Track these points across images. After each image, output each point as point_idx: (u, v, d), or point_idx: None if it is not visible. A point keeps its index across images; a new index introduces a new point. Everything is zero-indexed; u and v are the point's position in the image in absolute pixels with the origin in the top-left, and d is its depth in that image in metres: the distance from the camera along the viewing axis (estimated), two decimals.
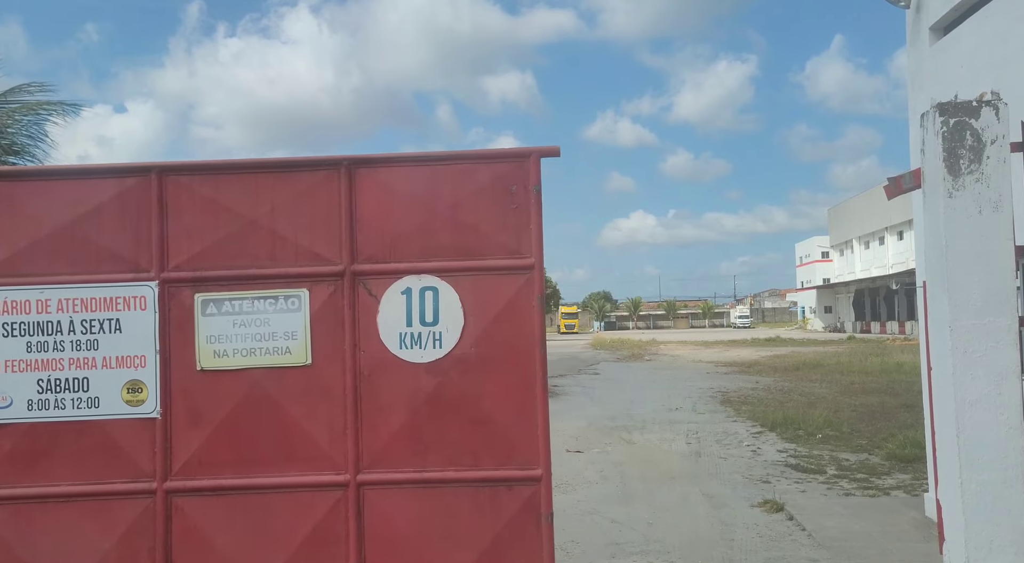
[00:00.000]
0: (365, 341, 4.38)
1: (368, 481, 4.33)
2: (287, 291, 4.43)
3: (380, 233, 4.43)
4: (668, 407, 18.60)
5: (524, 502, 4.29)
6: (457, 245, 4.40)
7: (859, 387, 21.81)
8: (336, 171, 4.44)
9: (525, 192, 4.39)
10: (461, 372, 4.36)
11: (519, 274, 4.37)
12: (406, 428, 4.35)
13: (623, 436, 14.25)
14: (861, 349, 39.05)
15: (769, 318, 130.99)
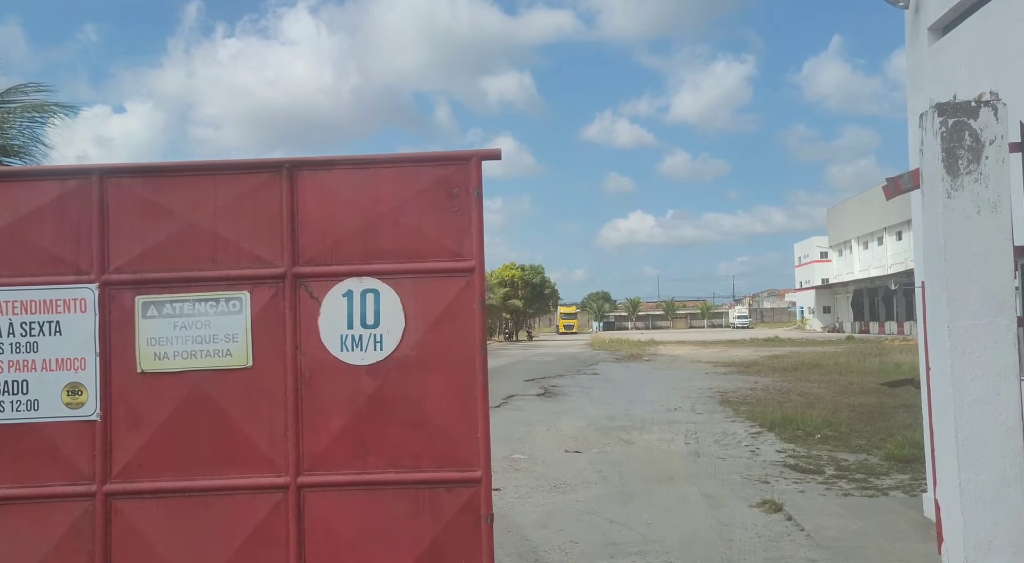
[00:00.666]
0: (306, 343, 4.38)
1: (308, 483, 4.34)
2: (228, 293, 4.43)
3: (322, 236, 4.43)
4: (667, 407, 18.60)
5: (464, 504, 4.30)
6: (399, 248, 4.41)
7: (858, 387, 21.82)
8: (278, 174, 4.45)
9: (467, 195, 4.40)
10: (402, 374, 4.37)
11: (460, 277, 4.38)
12: (347, 430, 4.36)
13: (622, 436, 14.25)
14: (860, 349, 39.03)
15: (768, 318, 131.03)
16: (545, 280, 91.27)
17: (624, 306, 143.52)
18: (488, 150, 4.48)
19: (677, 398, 20.53)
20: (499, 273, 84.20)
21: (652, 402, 19.74)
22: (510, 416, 17.65)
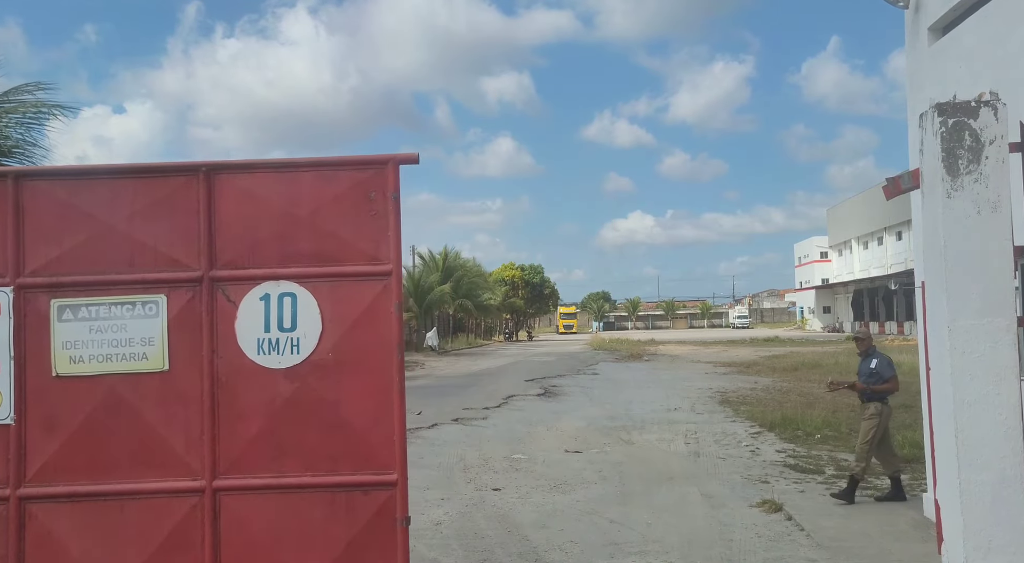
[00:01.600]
0: (223, 347, 4.38)
1: (224, 487, 4.33)
2: (145, 297, 4.42)
3: (239, 239, 4.43)
4: (667, 407, 18.59)
5: (380, 507, 4.30)
6: (316, 251, 4.41)
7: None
8: (195, 177, 4.44)
9: (384, 199, 4.40)
10: (319, 378, 4.37)
11: (377, 280, 4.38)
12: (263, 433, 4.35)
13: (622, 436, 14.24)
14: None
15: (768, 318, 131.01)
16: (545, 280, 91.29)
17: (624, 306, 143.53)
18: (405, 154, 4.50)
19: (677, 398, 20.52)
20: (499, 273, 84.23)
21: (652, 402, 19.73)
22: (511, 416, 17.65)
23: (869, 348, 9.20)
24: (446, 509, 8.89)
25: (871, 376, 8.90)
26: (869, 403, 8.95)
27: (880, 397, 8.92)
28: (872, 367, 8.96)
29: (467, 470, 11.24)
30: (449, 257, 62.19)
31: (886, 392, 8.94)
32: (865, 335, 9.46)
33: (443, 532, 8.00)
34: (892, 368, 9.00)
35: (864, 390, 8.94)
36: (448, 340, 61.47)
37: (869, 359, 9.08)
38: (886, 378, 8.89)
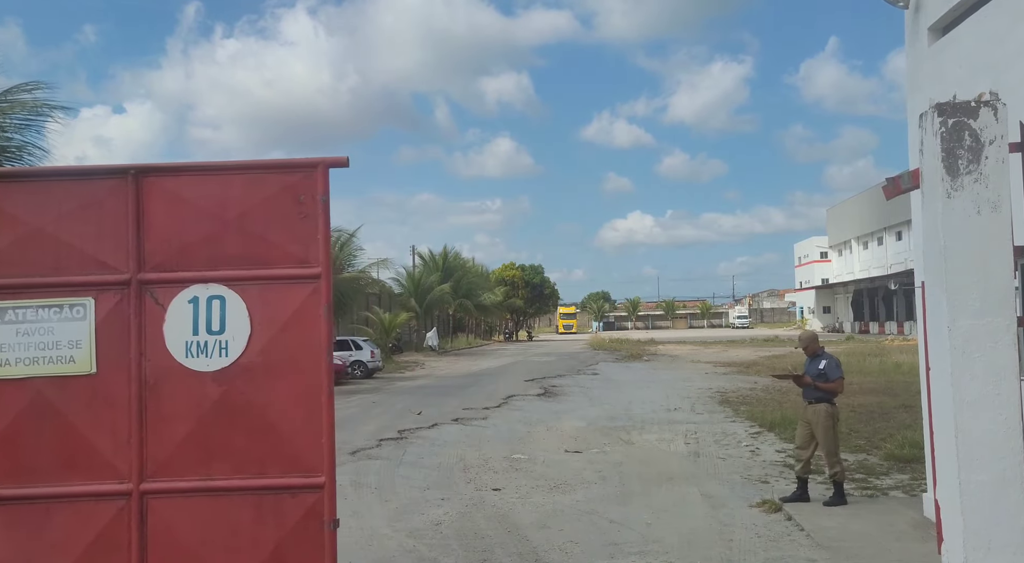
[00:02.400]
0: (151, 350, 4.37)
1: (152, 490, 4.32)
2: (72, 300, 4.40)
3: (168, 242, 4.43)
4: (667, 407, 18.59)
5: (308, 509, 4.30)
6: (245, 254, 4.41)
7: (857, 387, 21.78)
8: (124, 179, 4.43)
9: (313, 202, 4.40)
10: (247, 380, 4.37)
11: (306, 283, 4.38)
12: (191, 436, 4.35)
13: (622, 436, 14.24)
14: (859, 349, 39.00)
15: (768, 318, 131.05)
16: (545, 280, 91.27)
17: (624, 306, 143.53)
18: (335, 158, 4.49)
19: (677, 398, 20.53)
20: (499, 273, 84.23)
21: (652, 402, 19.73)
22: (510, 416, 17.65)
23: (817, 350, 9.21)
24: (446, 509, 8.89)
25: (818, 377, 8.94)
26: (818, 405, 8.93)
27: (827, 398, 8.92)
28: (820, 368, 8.97)
29: (467, 470, 11.24)
30: (449, 257, 62.21)
31: (831, 392, 8.93)
32: (808, 339, 9.41)
33: (443, 532, 8.00)
34: (839, 370, 9.03)
35: (810, 384, 8.92)
36: (448, 340, 61.47)
37: (817, 360, 9.09)
38: (832, 379, 8.91)
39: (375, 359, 31.70)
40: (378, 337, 40.00)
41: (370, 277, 33.10)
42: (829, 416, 8.84)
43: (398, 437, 14.46)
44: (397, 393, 24.10)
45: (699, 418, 16.62)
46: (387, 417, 17.75)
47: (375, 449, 13.13)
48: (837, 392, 9.01)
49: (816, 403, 8.94)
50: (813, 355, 9.18)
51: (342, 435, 14.79)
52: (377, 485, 10.30)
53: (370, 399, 22.16)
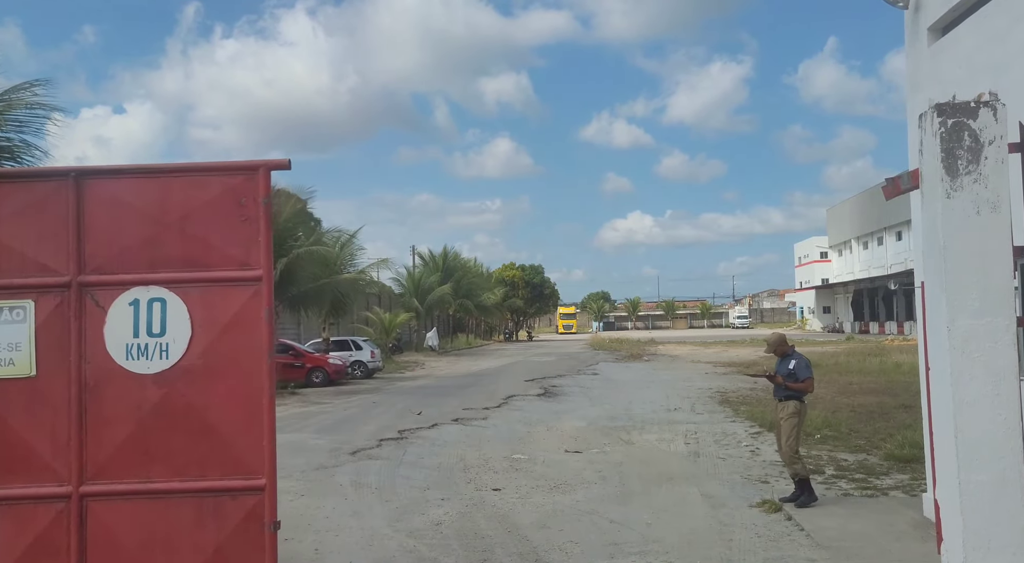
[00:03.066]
0: (91, 352, 4.36)
1: (91, 492, 4.31)
2: (12, 302, 4.40)
3: (109, 244, 4.42)
4: (667, 407, 18.60)
5: (248, 512, 4.30)
6: (186, 257, 4.41)
7: (857, 387, 21.82)
8: (64, 182, 4.42)
9: (255, 205, 4.40)
10: (188, 383, 4.36)
11: (248, 286, 4.38)
12: (131, 439, 4.34)
13: (622, 436, 14.25)
14: (859, 349, 39.04)
15: (768, 318, 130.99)
16: (545, 280, 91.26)
17: (624, 306, 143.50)
18: (275, 160, 4.50)
19: (677, 398, 20.53)
20: (499, 273, 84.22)
21: (652, 402, 19.74)
22: (510, 416, 17.65)
23: (787, 351, 9.29)
24: (446, 509, 8.89)
25: (788, 376, 8.99)
26: (787, 402, 8.98)
27: (797, 396, 8.96)
28: (790, 368, 9.04)
29: (467, 470, 11.25)
30: (449, 257, 62.18)
31: (801, 391, 8.96)
32: (776, 342, 9.49)
33: (443, 532, 8.00)
34: (809, 370, 9.09)
35: (782, 383, 8.97)
36: (448, 340, 61.47)
37: (788, 360, 9.17)
38: (801, 379, 8.95)
39: (375, 359, 31.73)
40: (378, 337, 40.05)
41: (370, 277, 33.15)
42: (795, 413, 8.89)
43: (398, 437, 14.47)
44: (397, 393, 24.11)
45: (699, 418, 16.63)
46: (387, 417, 17.77)
47: (375, 449, 13.14)
48: (807, 391, 9.04)
49: (785, 401, 9.01)
50: (783, 356, 9.26)
51: (343, 435, 14.82)
52: (377, 485, 10.30)
53: (370, 399, 22.18)
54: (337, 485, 10.33)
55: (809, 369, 9.07)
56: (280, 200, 24.39)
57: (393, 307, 49.54)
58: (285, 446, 14.11)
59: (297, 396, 23.17)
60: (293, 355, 26.80)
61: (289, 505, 9.20)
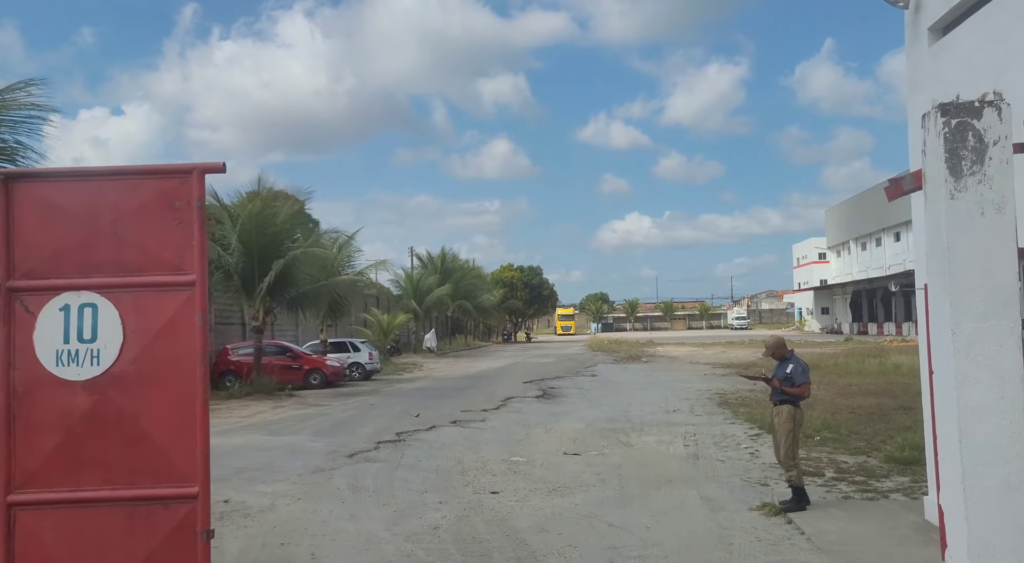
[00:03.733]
0: (20, 359, 4.29)
1: (19, 501, 4.24)
2: None
3: (39, 249, 4.35)
4: (666, 409, 18.55)
5: (180, 520, 4.23)
6: (119, 261, 4.34)
7: (856, 389, 21.79)
8: None
9: (189, 208, 4.32)
10: (120, 390, 4.29)
11: (181, 291, 4.32)
12: (61, 447, 4.27)
13: (621, 438, 14.19)
14: (858, 350, 39.02)
15: (766, 319, 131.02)
16: (544, 281, 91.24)
17: (623, 307, 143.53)
18: (210, 163, 4.43)
19: (676, 400, 20.48)
20: (497, 274, 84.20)
21: (651, 404, 19.69)
22: (509, 418, 17.59)
23: (785, 354, 9.12)
24: (443, 513, 8.83)
25: (785, 380, 8.87)
26: (782, 406, 8.84)
27: (792, 400, 8.85)
28: (787, 371, 8.89)
29: (465, 473, 11.18)
30: (447, 258, 62.16)
31: (797, 396, 8.85)
32: (775, 345, 9.26)
33: (441, 536, 7.94)
34: (806, 375, 8.91)
35: (778, 387, 8.86)
36: (446, 341, 61.42)
37: (785, 363, 9.00)
38: (798, 383, 8.84)
39: (373, 361, 31.65)
40: (376, 339, 39.97)
41: (368, 279, 33.04)
42: (791, 418, 8.79)
43: (396, 439, 14.40)
44: (395, 395, 24.05)
45: (698, 420, 16.58)
46: (385, 419, 17.70)
47: (373, 452, 13.07)
48: (803, 396, 8.92)
49: (780, 405, 8.90)
50: (781, 359, 9.11)
51: (340, 438, 14.77)
52: (375, 488, 10.24)
53: (368, 401, 22.11)
54: (334, 488, 10.27)
55: (806, 374, 8.96)
56: (278, 201, 24.39)
57: (391, 308, 49.48)
58: (282, 449, 14.17)
59: (295, 398, 23.11)
60: (291, 357, 26.73)
61: (286, 509, 9.14)
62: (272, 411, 19.92)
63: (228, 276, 24.20)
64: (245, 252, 23.93)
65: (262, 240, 23.97)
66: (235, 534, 8.13)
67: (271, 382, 24.04)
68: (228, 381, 24.96)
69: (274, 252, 24.16)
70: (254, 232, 23.76)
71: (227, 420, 18.10)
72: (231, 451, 13.38)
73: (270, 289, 24.46)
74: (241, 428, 16.65)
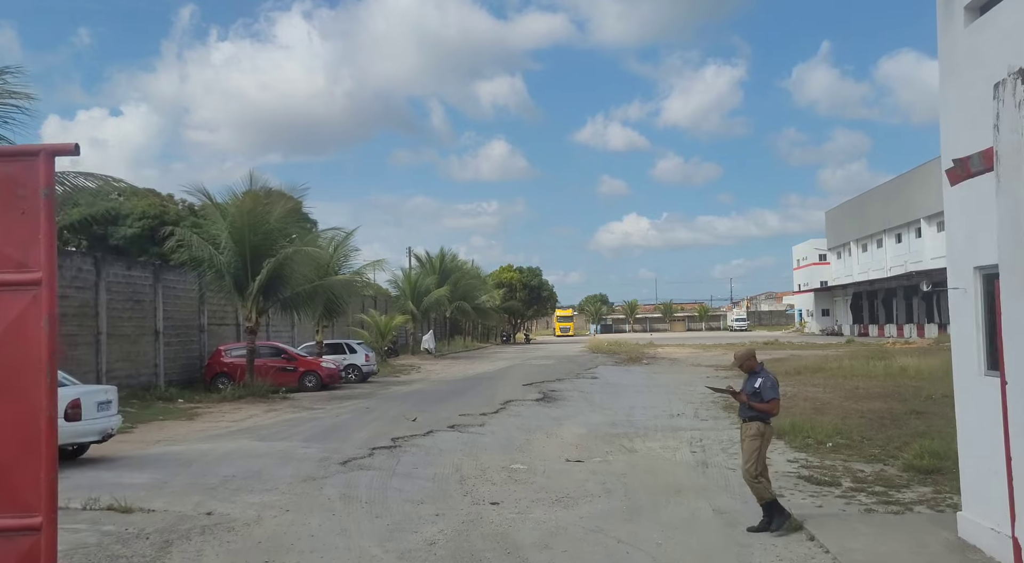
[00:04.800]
0: None
1: None
2: None
3: None
4: (669, 413, 18.02)
5: (22, 555, 3.64)
6: None
7: (864, 392, 21.26)
8: None
9: (34, 196, 3.73)
10: None
11: (25, 291, 3.73)
12: None
13: (624, 444, 13.66)
14: (862, 352, 38.44)
15: (766, 321, 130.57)
16: (543, 282, 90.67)
17: (622, 309, 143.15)
18: (60, 144, 3.82)
19: (679, 403, 19.97)
20: (496, 275, 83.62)
21: (654, 407, 19.17)
22: (508, 422, 17.05)
23: (755, 367, 8.45)
24: (440, 527, 8.29)
25: (753, 395, 8.25)
26: (751, 423, 8.17)
27: (762, 417, 8.20)
28: (755, 386, 8.20)
29: (463, 482, 10.65)
30: (446, 259, 61.48)
31: (765, 413, 8.18)
32: (744, 356, 8.57)
33: (437, 554, 7.39)
34: (775, 390, 8.20)
35: (746, 402, 8.25)
36: (444, 343, 60.83)
37: (754, 377, 8.31)
38: (766, 399, 8.14)
39: (370, 363, 31.03)
40: (374, 340, 39.39)
41: (366, 279, 32.34)
42: (758, 435, 8.14)
43: (392, 445, 13.85)
44: (392, 398, 23.50)
45: (704, 425, 16.04)
46: (381, 424, 17.15)
47: (367, 459, 12.52)
48: (771, 413, 8.27)
49: (750, 421, 8.25)
50: (751, 372, 8.46)
51: (333, 443, 14.22)
52: (368, 499, 9.69)
53: (364, 405, 21.54)
54: (325, 499, 9.71)
55: (776, 390, 8.27)
56: (272, 199, 23.74)
57: (389, 309, 48.90)
58: (273, 455, 13.60)
59: (288, 401, 22.52)
60: (285, 359, 26.12)
61: (272, 522, 8.59)
62: (265, 415, 19.35)
63: (220, 276, 23.49)
64: (237, 251, 23.24)
65: (255, 239, 23.27)
66: (217, 550, 7.58)
67: (264, 384, 23.31)
68: (221, 383, 24.42)
69: (267, 251, 23.47)
70: (247, 230, 23.05)
71: (218, 424, 17.55)
72: (219, 458, 12.85)
73: (262, 289, 23.76)
74: (232, 433, 16.10)
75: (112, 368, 21.39)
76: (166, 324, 24.55)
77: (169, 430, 16.62)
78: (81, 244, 43.64)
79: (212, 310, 27.45)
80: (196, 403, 21.74)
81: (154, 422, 17.80)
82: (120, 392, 21.64)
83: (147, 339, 23.56)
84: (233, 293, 24.02)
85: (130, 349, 22.56)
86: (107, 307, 21.34)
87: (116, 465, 12.44)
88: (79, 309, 20.22)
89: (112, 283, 21.83)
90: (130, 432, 16.00)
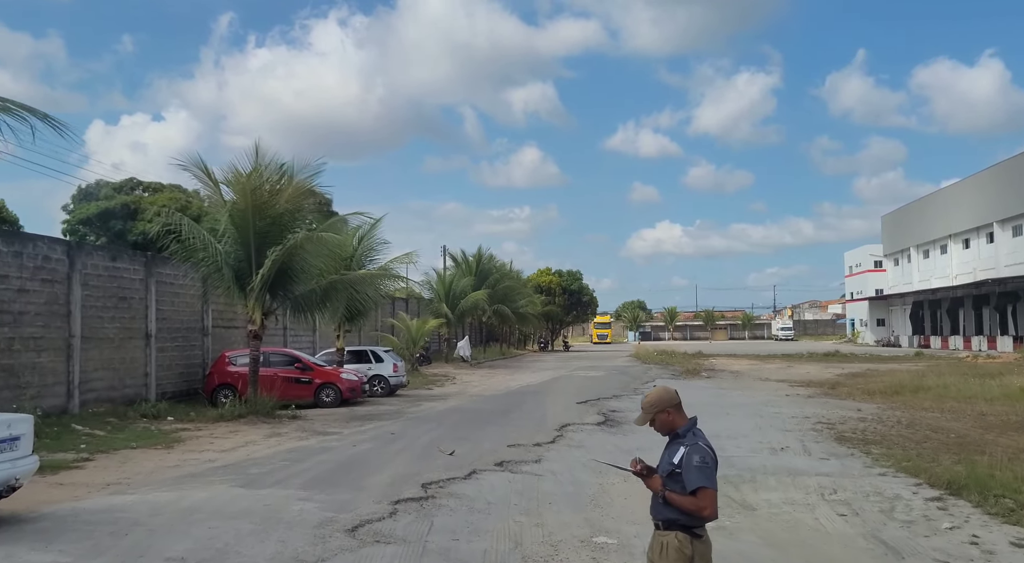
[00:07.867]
0: None
1: None
2: None
3: None
4: (769, 446, 14.25)
5: None
6: None
7: (995, 420, 17.34)
8: None
9: None
10: None
11: None
12: None
13: (732, 495, 9.97)
14: (947, 368, 34.17)
15: (811, 330, 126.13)
16: (583, 287, 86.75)
17: (660, 316, 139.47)
18: None
19: (773, 431, 16.22)
20: (534, 278, 79.86)
21: (745, 437, 15.40)
22: (571, 457, 13.33)
23: (677, 427, 4.61)
24: None
25: (670, 478, 4.47)
26: (667, 533, 4.48)
27: (686, 521, 4.44)
28: (674, 461, 4.47)
29: None
30: (483, 259, 57.70)
31: (690, 513, 4.40)
32: (658, 402, 4.64)
33: None
34: (704, 475, 4.39)
35: (658, 491, 4.49)
36: (481, 350, 57.24)
37: (675, 446, 4.56)
38: (690, 489, 4.36)
39: (398, 373, 27.32)
40: (404, 346, 35.82)
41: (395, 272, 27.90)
42: (680, 557, 4.42)
43: (422, 496, 10.16)
44: (423, 419, 19.75)
45: (826, 466, 12.26)
46: (408, 458, 13.47)
47: (387, 521, 8.85)
48: (699, 515, 4.42)
49: (666, 530, 4.50)
50: (669, 433, 4.66)
51: (343, 492, 10.26)
52: None
53: (389, 428, 17.77)
54: None
55: (704, 473, 4.39)
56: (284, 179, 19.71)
57: (421, 313, 45.37)
58: (253, 515, 8.89)
59: (297, 422, 18.80)
60: (299, 368, 22.43)
61: None
62: (264, 441, 15.64)
63: (218, 268, 19.60)
64: (239, 239, 19.41)
65: (261, 224, 19.29)
66: None
67: (270, 400, 19.47)
68: (224, 396, 20.86)
69: (276, 239, 19.43)
70: (251, 214, 19.15)
71: (200, 455, 13.81)
72: (175, 520, 8.96)
73: (268, 284, 19.66)
74: (212, 470, 12.30)
75: (88, 379, 17.92)
76: (161, 326, 20.91)
77: (133, 465, 12.79)
78: (99, 239, 40.75)
79: (219, 310, 23.77)
80: (187, 423, 18.15)
81: (122, 450, 14.08)
82: (98, 407, 17.95)
83: (135, 343, 19.92)
84: (234, 289, 19.81)
85: (113, 355, 18.94)
86: (82, 304, 17.80)
87: (16, 532, 8.43)
88: (45, 307, 16.72)
89: (90, 276, 18.28)
90: (81, 467, 12.41)
